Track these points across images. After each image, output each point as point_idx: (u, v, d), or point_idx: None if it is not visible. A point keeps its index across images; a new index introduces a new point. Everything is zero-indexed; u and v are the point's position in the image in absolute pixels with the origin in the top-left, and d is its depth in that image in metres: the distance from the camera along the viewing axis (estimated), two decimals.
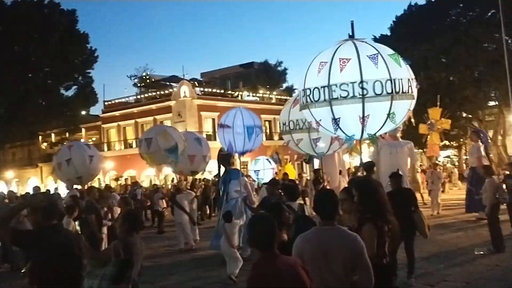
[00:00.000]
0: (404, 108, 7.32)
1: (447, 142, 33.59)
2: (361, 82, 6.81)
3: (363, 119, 6.95)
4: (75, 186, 13.70)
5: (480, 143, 14.52)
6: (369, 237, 4.23)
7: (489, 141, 17.16)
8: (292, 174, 20.61)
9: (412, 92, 7.23)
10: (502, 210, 10.43)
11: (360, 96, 6.85)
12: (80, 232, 9.23)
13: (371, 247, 4.22)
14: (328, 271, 3.54)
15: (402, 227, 7.41)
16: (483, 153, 14.22)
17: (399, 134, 11.59)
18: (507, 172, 12.01)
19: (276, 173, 17.95)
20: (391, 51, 7.14)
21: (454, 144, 37.55)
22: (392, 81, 6.86)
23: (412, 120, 8.41)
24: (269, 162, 17.65)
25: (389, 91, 6.83)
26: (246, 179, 11.39)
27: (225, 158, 10.51)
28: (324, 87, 6.99)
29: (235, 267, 8.55)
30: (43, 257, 3.81)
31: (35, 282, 3.90)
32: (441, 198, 17.69)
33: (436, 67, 34.55)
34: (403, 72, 7.17)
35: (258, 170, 17.24)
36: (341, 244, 3.57)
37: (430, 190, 17.47)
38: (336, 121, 7.13)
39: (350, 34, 7.60)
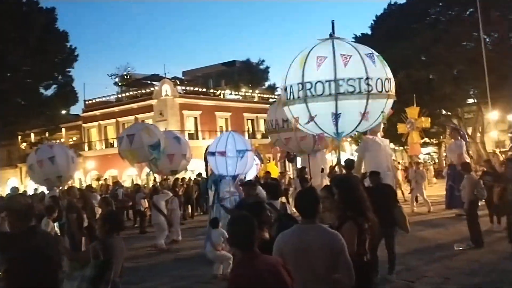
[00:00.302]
0: (379, 107, 7.38)
1: (427, 140, 34.00)
2: (337, 80, 6.88)
3: (337, 116, 7.05)
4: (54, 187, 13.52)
5: (463, 141, 14.72)
6: (350, 235, 4.26)
7: (467, 138, 17.40)
8: (275, 172, 20.63)
9: (388, 91, 7.30)
10: (481, 206, 10.61)
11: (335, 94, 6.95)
12: (61, 232, 9.14)
13: (351, 245, 4.25)
14: (309, 269, 3.54)
15: (383, 224, 7.50)
16: (464, 150, 14.43)
17: (380, 133, 11.69)
18: (485, 169, 12.21)
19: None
20: (369, 51, 7.20)
21: (434, 142, 38.02)
22: (367, 79, 6.92)
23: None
24: (254, 158, 17.54)
25: (364, 90, 6.90)
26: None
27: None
28: (300, 83, 7.06)
29: (229, 266, 8.56)
30: (19, 260, 3.75)
31: (11, 285, 3.83)
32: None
33: (416, 65, 34.94)
34: (380, 72, 7.22)
35: None
36: (322, 242, 3.57)
37: (412, 188, 17.53)
38: (312, 118, 7.18)
39: (331, 33, 7.65)
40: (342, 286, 3.62)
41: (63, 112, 40.30)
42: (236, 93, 46.64)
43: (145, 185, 19.99)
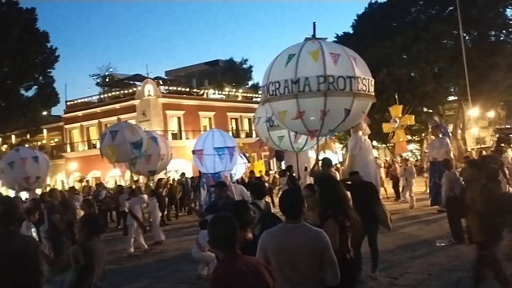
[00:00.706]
0: (361, 107, 7.45)
1: (409, 137, 34.38)
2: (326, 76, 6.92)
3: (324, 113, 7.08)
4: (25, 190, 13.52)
5: (444, 137, 14.82)
6: (332, 233, 4.28)
7: (450, 135, 17.58)
8: (262, 171, 20.63)
9: (371, 92, 7.36)
10: None
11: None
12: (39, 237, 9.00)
13: (333, 242, 4.27)
14: (294, 267, 3.54)
15: (365, 221, 7.57)
16: (445, 147, 14.52)
17: (362, 130, 11.73)
18: (464, 165, 12.36)
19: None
20: (353, 53, 7.26)
21: (416, 139, 38.43)
22: (354, 79, 6.98)
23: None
24: (241, 157, 17.42)
25: (351, 88, 6.94)
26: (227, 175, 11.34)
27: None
28: (291, 80, 7.11)
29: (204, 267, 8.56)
30: None
31: None
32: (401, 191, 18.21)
33: (398, 63, 35.29)
34: (365, 72, 7.28)
35: None
36: (307, 240, 3.57)
37: (404, 186, 17.74)
38: (301, 114, 7.21)
39: (313, 34, 7.71)
40: (327, 284, 3.62)
41: (44, 113, 39.79)
42: (220, 92, 46.56)
43: (128, 186, 19.86)
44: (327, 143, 15.08)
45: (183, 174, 23.28)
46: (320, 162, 9.09)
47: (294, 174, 13.35)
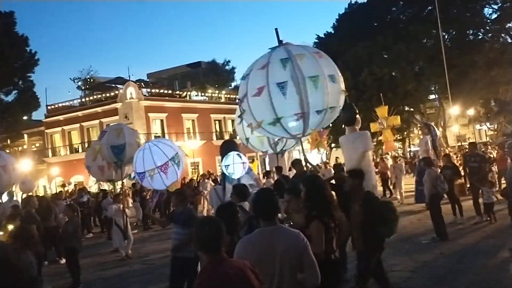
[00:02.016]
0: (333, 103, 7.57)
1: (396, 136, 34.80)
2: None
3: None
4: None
5: (429, 136, 15.07)
6: (317, 234, 4.30)
7: (437, 133, 17.81)
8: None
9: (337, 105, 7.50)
10: (445, 199, 10.91)
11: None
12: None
13: (319, 244, 4.28)
14: (274, 271, 3.50)
15: (350, 220, 7.61)
16: (430, 145, 14.76)
17: (357, 126, 11.77)
18: (444, 163, 12.54)
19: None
20: (310, 74, 7.27)
21: (399, 137, 38.86)
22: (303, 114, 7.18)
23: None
24: (239, 156, 16.91)
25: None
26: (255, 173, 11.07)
27: (229, 147, 8.86)
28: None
29: None
30: None
31: None
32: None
33: (379, 63, 35.63)
34: (319, 98, 7.35)
35: (228, 165, 15.85)
36: (285, 243, 3.53)
37: (394, 183, 18.08)
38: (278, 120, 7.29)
39: (279, 41, 7.75)
40: (308, 285, 3.60)
41: (25, 118, 39.27)
42: (203, 94, 46.46)
43: (112, 190, 19.67)
44: (321, 142, 15.10)
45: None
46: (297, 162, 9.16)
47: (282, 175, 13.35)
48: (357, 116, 11.49)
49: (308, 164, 8.95)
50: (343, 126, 11.74)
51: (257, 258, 3.40)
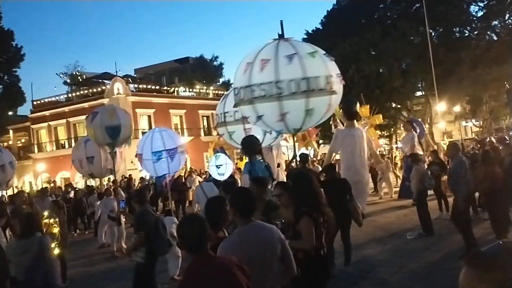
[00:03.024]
0: (323, 103, 7.55)
1: (379, 132, 34.91)
2: (277, 82, 7.02)
3: (283, 115, 7.17)
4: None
5: (414, 133, 15.12)
6: (307, 230, 4.30)
7: (424, 129, 17.95)
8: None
9: (331, 88, 7.46)
10: (431, 195, 11.00)
11: (277, 95, 7.06)
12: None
13: (310, 240, 4.29)
14: (252, 268, 3.42)
15: (338, 216, 7.66)
16: (416, 141, 14.82)
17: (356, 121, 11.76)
18: (431, 159, 12.66)
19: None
20: (311, 50, 7.34)
21: (385, 134, 39.09)
22: (307, 79, 7.07)
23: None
24: (229, 157, 16.58)
25: (304, 89, 7.05)
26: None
27: (249, 145, 8.06)
28: (246, 86, 7.22)
29: (176, 266, 8.47)
30: None
31: None
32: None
33: (366, 60, 35.76)
34: (320, 69, 7.39)
35: (220, 165, 15.19)
36: (261, 239, 3.52)
37: (380, 178, 18.23)
38: (260, 118, 7.31)
39: (280, 33, 7.75)
40: (286, 278, 3.62)
41: (10, 113, 38.77)
42: (190, 90, 46.25)
43: (99, 187, 19.55)
44: (310, 141, 15.08)
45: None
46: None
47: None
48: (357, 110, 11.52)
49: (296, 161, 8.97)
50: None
51: (248, 260, 3.27)
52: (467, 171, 7.97)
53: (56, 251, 7.15)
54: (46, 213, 7.99)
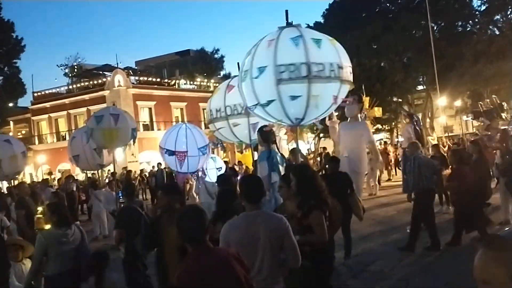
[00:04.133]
0: (329, 92, 7.37)
1: (379, 126, 34.84)
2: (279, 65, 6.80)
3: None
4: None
5: (411, 125, 15.07)
6: (320, 224, 4.32)
7: (421, 123, 17.87)
8: (249, 161, 20.21)
9: (338, 76, 7.29)
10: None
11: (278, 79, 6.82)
12: None
13: (324, 232, 4.32)
14: (256, 255, 3.55)
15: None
16: (412, 134, 14.80)
17: (359, 114, 11.76)
18: (433, 153, 12.65)
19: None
20: (318, 36, 7.17)
21: (386, 128, 39.04)
22: (308, 64, 6.87)
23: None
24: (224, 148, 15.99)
25: (304, 74, 6.85)
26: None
27: (266, 134, 7.49)
28: (247, 70, 6.98)
29: None
30: None
31: None
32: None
33: (367, 53, 35.65)
34: (327, 56, 7.21)
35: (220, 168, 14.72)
36: (267, 226, 3.58)
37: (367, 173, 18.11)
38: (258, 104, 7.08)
39: (287, 22, 7.61)
40: (290, 266, 3.67)
41: (10, 104, 38.78)
42: (191, 82, 46.18)
43: (100, 178, 19.57)
44: (300, 133, 14.99)
45: (159, 164, 22.97)
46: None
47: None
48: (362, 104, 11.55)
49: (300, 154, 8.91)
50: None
51: (240, 242, 3.48)
52: (421, 168, 8.16)
53: None
54: (40, 209, 7.94)
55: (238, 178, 9.66)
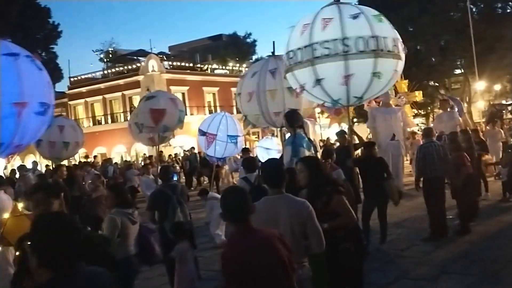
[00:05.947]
0: (390, 67, 7.25)
1: (415, 111, 34.21)
2: (343, 39, 6.69)
3: (347, 77, 6.80)
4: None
5: (455, 110, 14.45)
6: (344, 206, 4.32)
7: (463, 108, 17.17)
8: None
9: (398, 52, 7.19)
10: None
11: (343, 54, 6.70)
12: None
13: (350, 213, 4.35)
14: None
15: (374, 195, 7.62)
16: (459, 120, 14.25)
17: (391, 101, 11.69)
18: (472, 139, 12.28)
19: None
20: (376, 12, 7.10)
21: (422, 113, 38.26)
22: (376, 38, 6.76)
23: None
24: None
25: (373, 48, 6.72)
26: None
27: (293, 117, 6.80)
28: (306, 46, 6.88)
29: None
30: None
31: None
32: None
33: (403, 36, 34.72)
34: (387, 31, 7.11)
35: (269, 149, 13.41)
36: (290, 211, 3.56)
37: (411, 159, 17.72)
38: (319, 81, 6.99)
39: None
40: (312, 252, 3.63)
41: None
42: (223, 67, 46.25)
43: (135, 161, 20.00)
44: (345, 116, 14.95)
45: (192, 148, 23.24)
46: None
47: None
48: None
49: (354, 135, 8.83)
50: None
51: (261, 225, 3.36)
52: (425, 157, 7.96)
53: None
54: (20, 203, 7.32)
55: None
